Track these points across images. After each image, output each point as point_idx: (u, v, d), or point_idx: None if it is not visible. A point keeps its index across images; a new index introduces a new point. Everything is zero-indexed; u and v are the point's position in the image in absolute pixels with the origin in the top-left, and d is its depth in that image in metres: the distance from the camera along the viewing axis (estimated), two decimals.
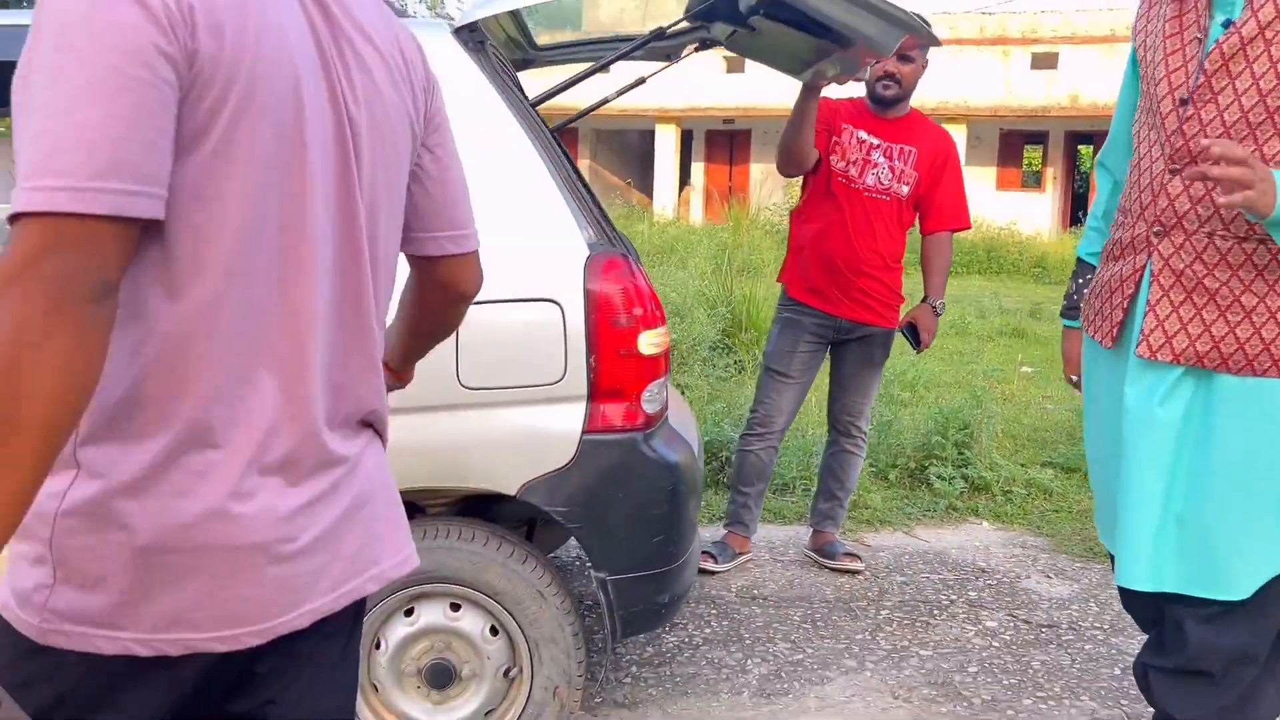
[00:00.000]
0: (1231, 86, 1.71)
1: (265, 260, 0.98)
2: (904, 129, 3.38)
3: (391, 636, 2.17)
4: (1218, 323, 1.75)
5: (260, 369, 0.99)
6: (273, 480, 1.01)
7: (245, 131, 0.94)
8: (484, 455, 2.11)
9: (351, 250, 1.07)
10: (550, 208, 2.13)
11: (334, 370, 1.07)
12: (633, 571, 2.18)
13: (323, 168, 1.02)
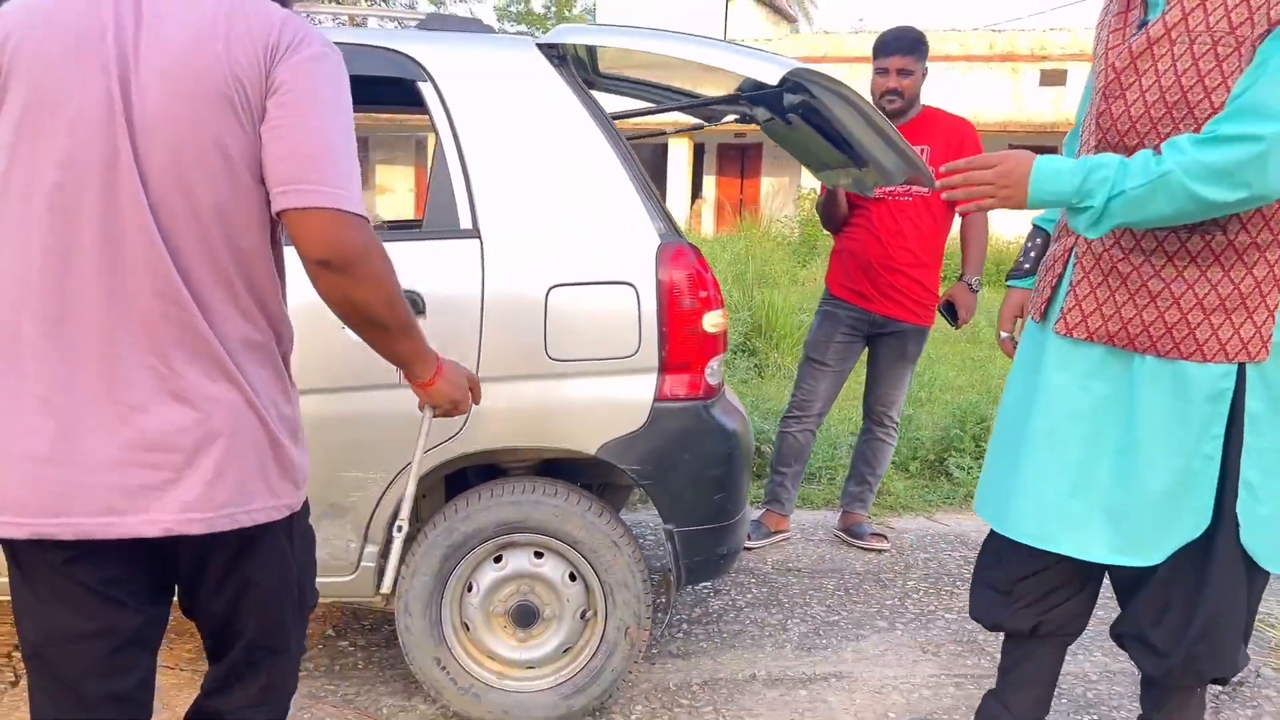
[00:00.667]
0: (1138, 83, 1.84)
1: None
2: (916, 131, 3.60)
3: (482, 580, 2.44)
4: (1127, 305, 1.88)
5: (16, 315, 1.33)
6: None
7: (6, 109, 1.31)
8: (567, 419, 2.38)
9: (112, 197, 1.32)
10: (626, 202, 2.40)
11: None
12: (696, 525, 2.45)
13: (73, 132, 1.30)
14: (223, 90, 1.33)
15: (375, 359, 2.19)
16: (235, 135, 1.35)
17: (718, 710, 2.58)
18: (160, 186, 1.33)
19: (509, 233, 2.36)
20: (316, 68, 1.37)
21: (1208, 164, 1.69)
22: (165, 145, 1.33)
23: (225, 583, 1.50)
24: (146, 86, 1.32)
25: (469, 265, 2.35)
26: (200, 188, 1.35)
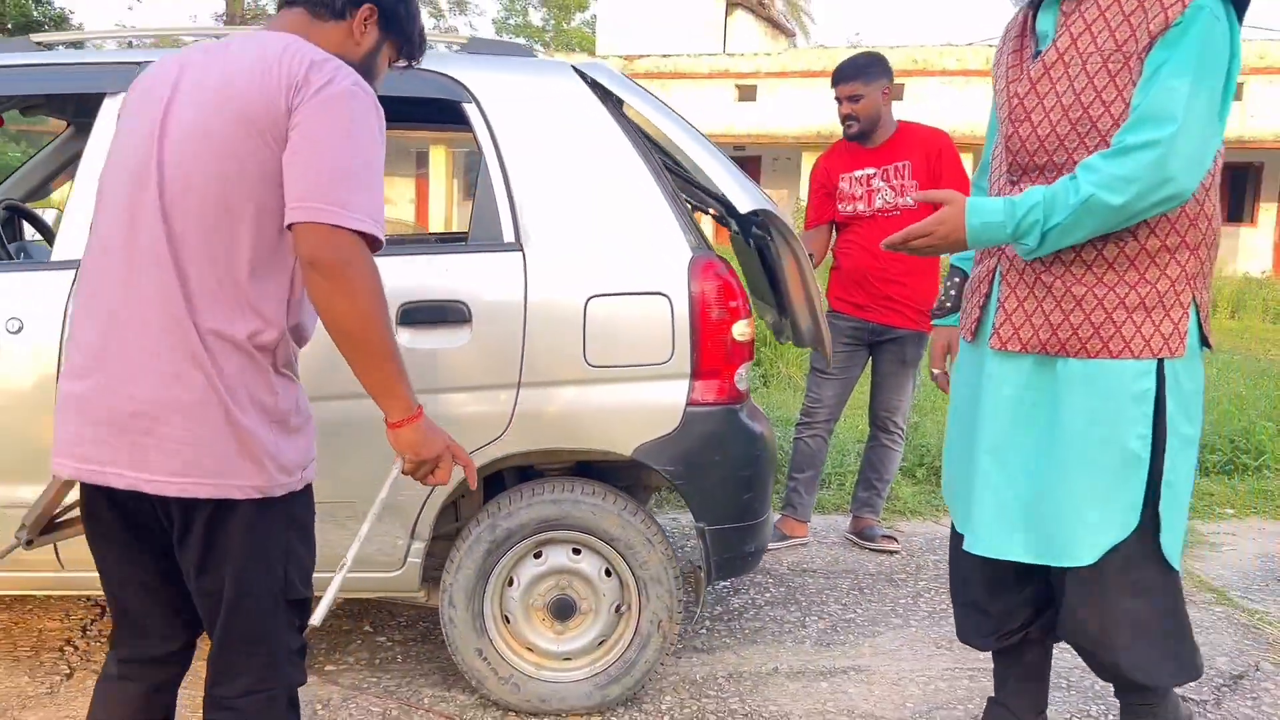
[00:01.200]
0: (1040, 106, 1.97)
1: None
2: (893, 148, 3.79)
3: (523, 575, 2.57)
4: (1054, 312, 1.97)
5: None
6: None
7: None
8: (605, 422, 2.52)
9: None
10: (659, 217, 2.54)
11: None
12: (726, 523, 2.58)
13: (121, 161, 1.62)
14: (246, 112, 1.55)
15: (423, 364, 2.33)
16: (252, 152, 1.55)
17: (743, 700, 2.70)
18: (175, 192, 1.56)
19: (550, 246, 2.50)
20: (338, 103, 1.56)
21: (1120, 175, 1.82)
22: (186, 155, 1.58)
23: (203, 553, 1.63)
24: (182, 107, 1.59)
25: (513, 276, 2.48)
26: (211, 195, 1.56)
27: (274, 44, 1.61)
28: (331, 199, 1.51)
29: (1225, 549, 4.12)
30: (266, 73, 1.56)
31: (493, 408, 2.47)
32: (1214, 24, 1.82)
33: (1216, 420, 5.61)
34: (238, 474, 1.60)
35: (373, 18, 1.79)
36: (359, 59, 1.77)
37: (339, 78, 1.58)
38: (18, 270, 2.55)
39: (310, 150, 1.53)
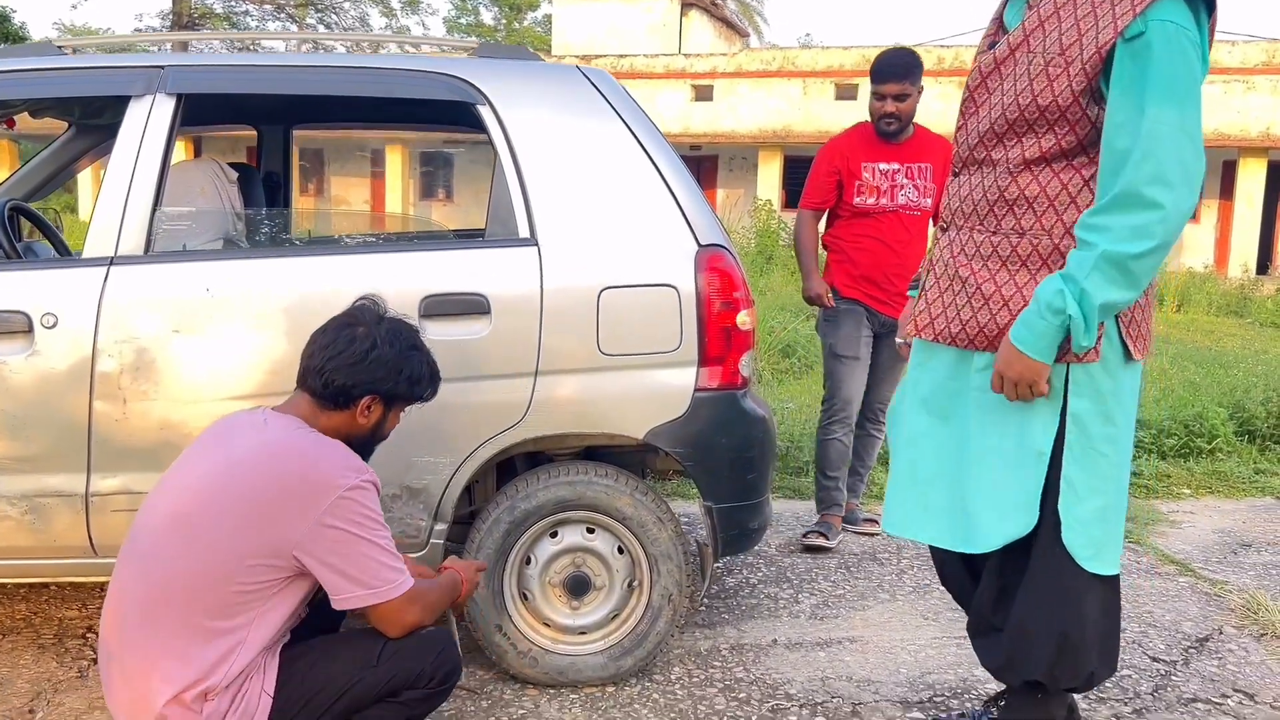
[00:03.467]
0: (987, 101, 2.01)
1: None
2: (916, 149, 3.88)
3: (540, 554, 2.70)
4: (965, 308, 2.02)
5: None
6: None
7: None
8: (618, 407, 2.65)
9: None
10: (667, 213, 2.68)
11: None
12: (732, 501, 2.73)
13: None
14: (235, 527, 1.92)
15: (446, 354, 2.46)
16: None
17: (747, 670, 2.86)
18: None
19: (563, 240, 2.63)
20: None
21: (1133, 226, 1.82)
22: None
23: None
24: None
25: (529, 270, 2.61)
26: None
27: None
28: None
29: (1185, 526, 4.35)
30: (263, 490, 1.91)
31: (512, 394, 2.60)
32: (1180, 35, 1.81)
33: (1172, 406, 5.87)
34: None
35: (375, 401, 2.04)
36: (366, 432, 2.06)
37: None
38: (51, 268, 2.62)
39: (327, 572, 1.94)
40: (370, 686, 1.94)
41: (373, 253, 2.70)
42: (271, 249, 2.75)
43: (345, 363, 1.99)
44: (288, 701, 1.90)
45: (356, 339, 2.01)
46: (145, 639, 1.82)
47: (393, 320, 2.09)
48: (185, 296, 2.53)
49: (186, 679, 1.80)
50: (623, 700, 2.67)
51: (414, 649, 1.99)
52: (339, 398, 2.00)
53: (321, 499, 1.85)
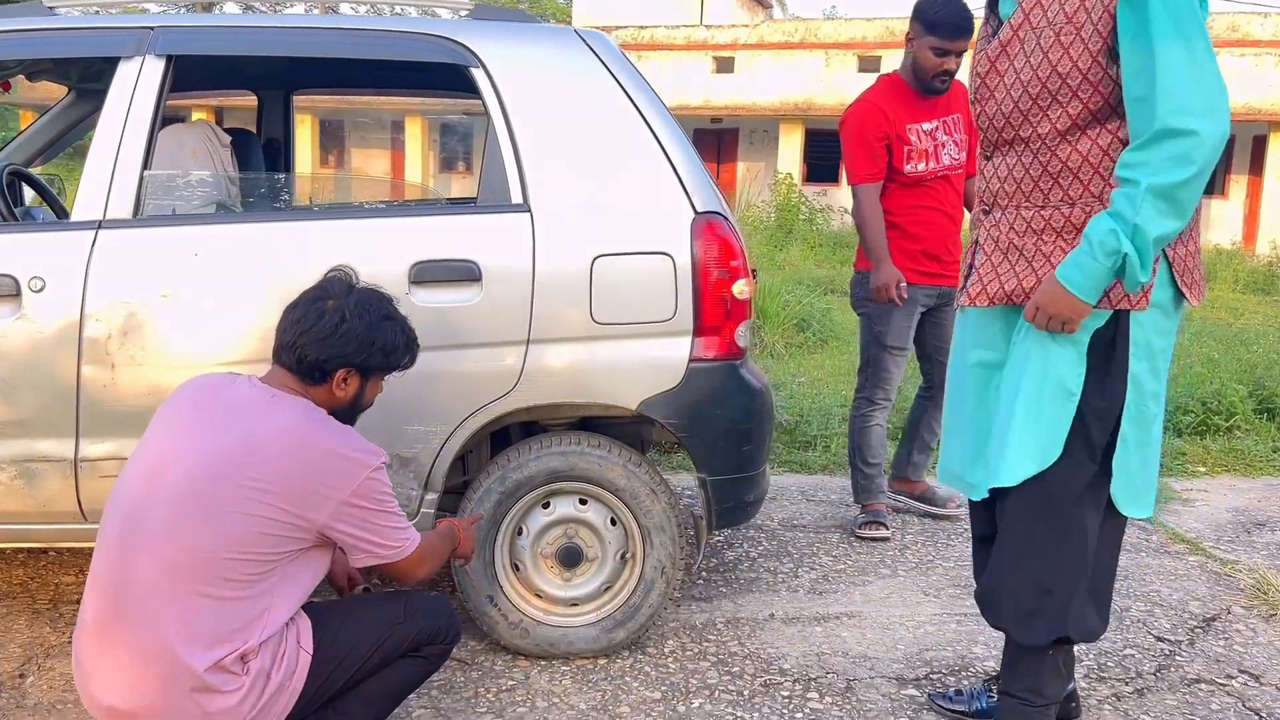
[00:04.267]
0: (1001, 83, 2.06)
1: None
2: (946, 101, 3.60)
3: (532, 525, 2.67)
4: (1024, 270, 2.07)
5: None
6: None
7: None
8: (611, 377, 2.61)
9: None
10: (664, 180, 2.62)
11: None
12: (727, 474, 2.69)
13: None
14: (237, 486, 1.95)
15: (435, 322, 2.44)
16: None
17: (742, 644, 2.83)
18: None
19: (557, 207, 2.59)
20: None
21: (1173, 156, 1.85)
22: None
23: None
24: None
25: (521, 237, 2.57)
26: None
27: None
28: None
29: (1199, 504, 4.28)
30: (265, 454, 1.94)
31: (503, 363, 2.56)
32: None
33: (1190, 383, 5.77)
34: None
35: (351, 374, 2.04)
36: (346, 404, 2.07)
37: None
38: (39, 231, 2.60)
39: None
40: (400, 641, 2.06)
41: (363, 218, 2.66)
42: (260, 213, 2.72)
43: (316, 337, 1.98)
44: (326, 656, 1.96)
45: (326, 313, 1.99)
46: (167, 614, 1.80)
47: (363, 291, 2.07)
48: (173, 260, 2.51)
49: (225, 644, 1.81)
50: (614, 673, 2.65)
51: (433, 608, 2.13)
52: (314, 372, 2.00)
53: (349, 483, 1.92)
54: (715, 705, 2.50)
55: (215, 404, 1.96)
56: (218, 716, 1.81)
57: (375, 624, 2.03)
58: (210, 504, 1.83)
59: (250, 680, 1.83)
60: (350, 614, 2.05)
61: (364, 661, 1.99)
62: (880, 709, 2.49)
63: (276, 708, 1.87)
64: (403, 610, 2.07)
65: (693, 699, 2.53)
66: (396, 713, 2.41)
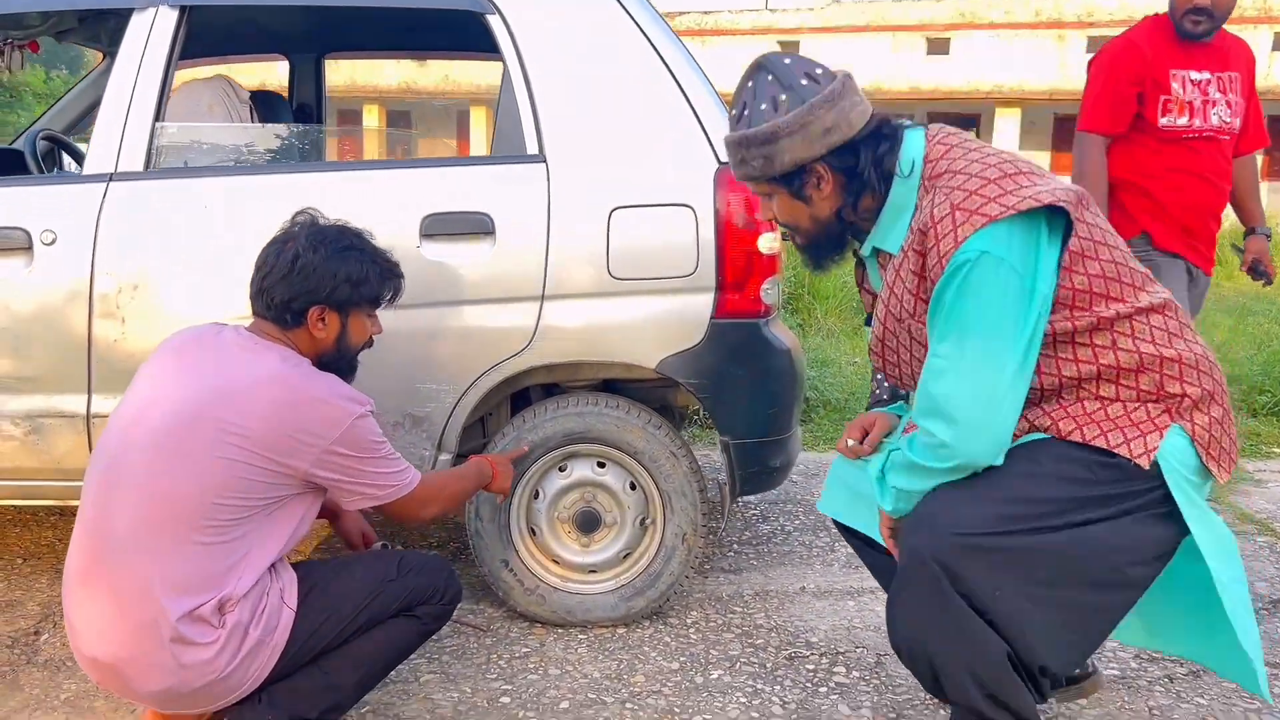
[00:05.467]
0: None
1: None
2: (1223, 54, 3.04)
3: (549, 488, 2.59)
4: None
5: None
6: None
7: None
8: (629, 335, 2.50)
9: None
10: (686, 129, 2.51)
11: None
12: (751, 437, 2.57)
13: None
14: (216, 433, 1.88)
15: (447, 277, 2.35)
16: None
17: (769, 616, 2.71)
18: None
19: (574, 157, 2.49)
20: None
21: (915, 458, 1.75)
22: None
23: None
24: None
25: (536, 188, 2.47)
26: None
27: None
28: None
29: (1271, 485, 4.03)
30: (245, 399, 1.86)
31: (517, 320, 2.47)
32: (996, 266, 1.62)
33: (1265, 362, 5.49)
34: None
35: (326, 312, 1.94)
36: (331, 346, 1.97)
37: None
38: (49, 184, 2.58)
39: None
40: (390, 599, 1.96)
41: (373, 170, 2.59)
42: (269, 166, 2.67)
43: (277, 277, 1.91)
44: (310, 613, 1.88)
45: (284, 252, 1.93)
46: (144, 561, 1.74)
47: (320, 226, 1.99)
48: (185, 213, 2.46)
49: (200, 592, 1.74)
50: (632, 642, 2.55)
51: (429, 565, 2.04)
52: (286, 314, 1.92)
53: (331, 431, 1.83)
54: (735, 677, 2.39)
55: (196, 352, 1.90)
56: (193, 670, 1.74)
57: (364, 581, 1.94)
58: (185, 449, 1.76)
59: (226, 633, 1.75)
60: (340, 571, 1.97)
61: (351, 620, 1.90)
62: (911, 684, 2.36)
63: (256, 664, 1.80)
64: (395, 568, 1.98)
65: (711, 670, 2.42)
66: (404, 677, 2.35)
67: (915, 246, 1.72)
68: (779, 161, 1.74)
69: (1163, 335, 1.74)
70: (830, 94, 1.71)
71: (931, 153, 1.76)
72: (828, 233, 1.85)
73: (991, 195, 1.65)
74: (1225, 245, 13.88)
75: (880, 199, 1.79)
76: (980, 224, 1.62)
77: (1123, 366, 1.73)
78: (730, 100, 1.90)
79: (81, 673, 2.32)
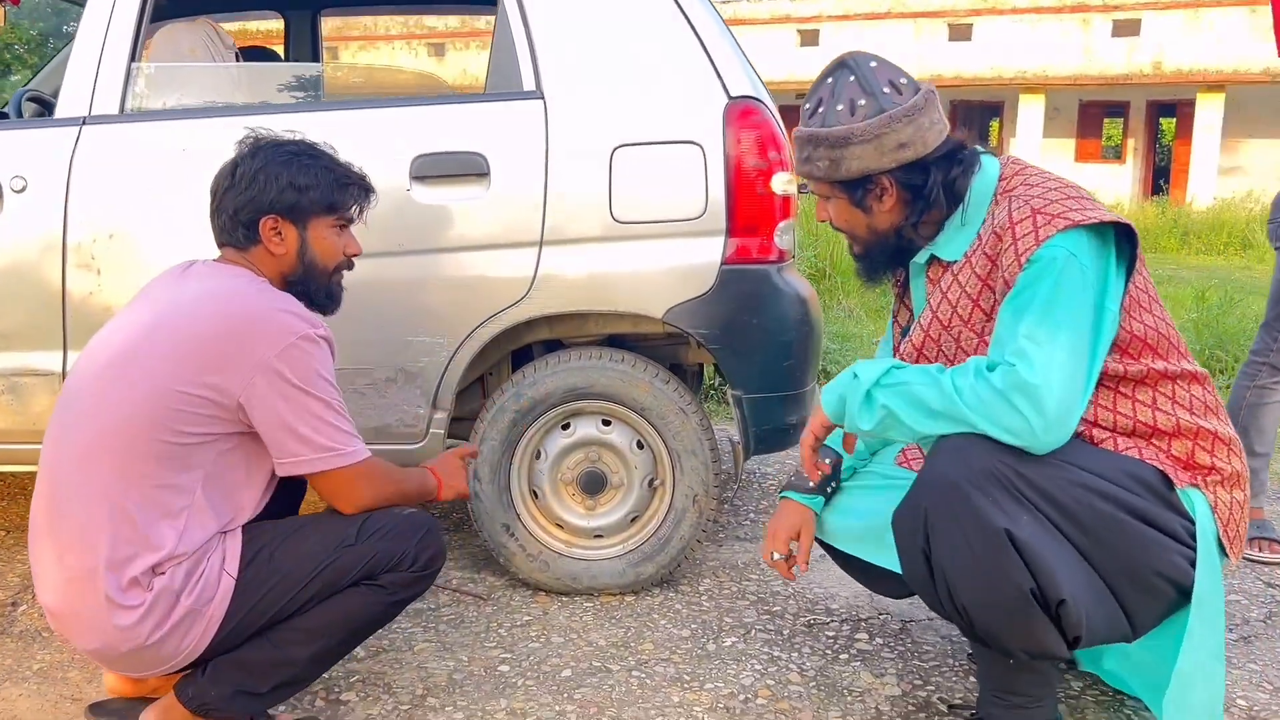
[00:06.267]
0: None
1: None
2: None
3: (551, 448, 2.43)
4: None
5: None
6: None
7: None
8: (633, 283, 2.35)
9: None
10: (692, 61, 2.35)
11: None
12: (765, 392, 2.40)
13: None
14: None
15: (439, 221, 2.20)
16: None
17: (787, 584, 2.55)
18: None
19: (573, 93, 2.33)
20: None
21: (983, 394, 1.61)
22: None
23: None
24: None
25: (533, 126, 2.32)
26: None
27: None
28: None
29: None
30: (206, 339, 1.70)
31: (514, 267, 2.32)
32: (1081, 271, 1.59)
33: None
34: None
35: (279, 223, 1.77)
36: (294, 263, 1.80)
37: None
38: (19, 128, 2.45)
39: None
40: (346, 567, 1.70)
41: (360, 108, 2.44)
42: (251, 107, 2.53)
43: (222, 193, 1.77)
44: (253, 581, 1.67)
45: (224, 169, 1.80)
46: (81, 505, 1.60)
47: (264, 137, 1.83)
48: (161, 157, 2.33)
49: (135, 548, 1.58)
50: (640, 609, 2.40)
51: (396, 528, 1.75)
52: (237, 231, 1.77)
53: (270, 343, 1.63)
54: (749, 644, 2.23)
55: (157, 288, 1.76)
56: (119, 633, 1.59)
57: (318, 547, 1.69)
58: (123, 379, 1.62)
59: (152, 598, 1.58)
60: (291, 534, 1.72)
61: (300, 589, 1.67)
62: (939, 651, 2.19)
63: (190, 635, 1.62)
64: (355, 532, 1.71)
65: (725, 637, 2.26)
66: (398, 645, 2.21)
67: (986, 250, 1.69)
68: (845, 167, 1.70)
69: (1200, 406, 1.70)
70: (912, 108, 1.67)
71: (1005, 172, 1.74)
72: (883, 246, 1.81)
73: (1071, 206, 1.62)
74: (1256, 227, 13.49)
75: (944, 218, 1.75)
76: (1062, 226, 1.59)
77: (1159, 428, 1.67)
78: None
79: (57, 643, 2.20)
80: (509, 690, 2.03)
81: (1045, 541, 1.56)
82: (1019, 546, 1.54)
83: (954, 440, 1.61)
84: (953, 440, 1.61)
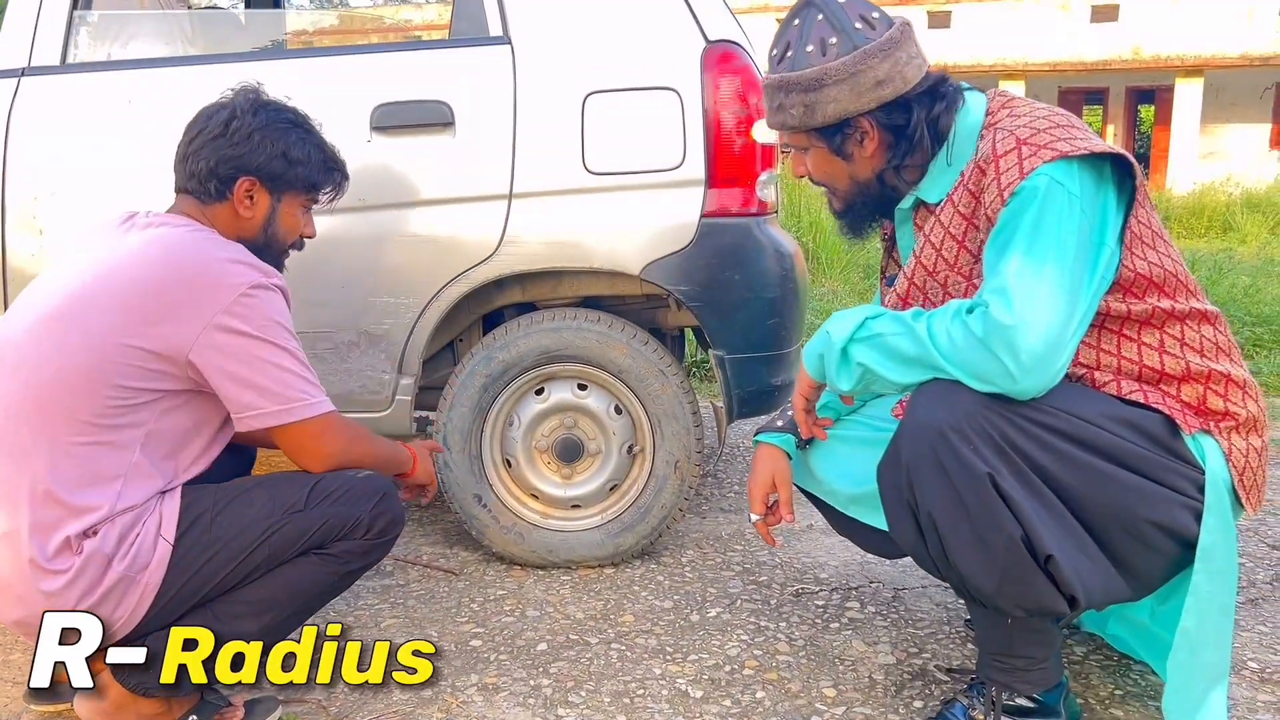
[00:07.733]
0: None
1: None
2: None
3: (524, 414, 2.32)
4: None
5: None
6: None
7: None
8: (608, 238, 2.22)
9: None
10: (667, 1, 2.23)
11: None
12: (748, 352, 2.29)
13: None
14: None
15: (402, 175, 2.07)
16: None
17: (773, 554, 2.44)
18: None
19: (542, 37, 2.21)
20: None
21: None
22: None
23: None
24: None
25: (500, 73, 2.20)
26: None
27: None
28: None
29: None
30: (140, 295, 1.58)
31: (482, 223, 2.20)
32: (1069, 200, 1.46)
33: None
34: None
35: (256, 187, 1.66)
36: (257, 231, 1.69)
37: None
38: None
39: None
40: (295, 534, 1.58)
41: (317, 56, 2.32)
42: (201, 57, 2.40)
43: (206, 139, 1.64)
44: (192, 549, 1.53)
45: (217, 114, 1.66)
46: (7, 464, 1.48)
47: (265, 96, 1.72)
48: (106, 110, 2.20)
49: (60, 507, 1.45)
50: (620, 582, 2.28)
51: (350, 493, 1.62)
52: (211, 183, 1.64)
53: (220, 294, 1.51)
54: (736, 615, 2.12)
55: (93, 239, 1.63)
56: (44, 601, 1.46)
57: (262, 512, 1.57)
58: (56, 333, 1.49)
59: (81, 561, 1.46)
60: (234, 499, 1.59)
61: (243, 557, 1.55)
62: (933, 619, 2.09)
63: (124, 604, 1.50)
64: (305, 496, 1.59)
65: (709, 608, 2.15)
66: (362, 621, 2.09)
67: (969, 185, 1.56)
68: (821, 112, 1.57)
69: (1212, 348, 1.57)
70: (887, 42, 1.54)
71: (992, 106, 1.62)
72: (866, 196, 1.69)
73: (1061, 136, 1.49)
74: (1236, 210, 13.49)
75: (928, 159, 1.62)
76: (1049, 157, 1.46)
77: (1166, 372, 1.54)
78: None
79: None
80: (480, 665, 1.91)
81: (1027, 495, 1.45)
82: (1003, 496, 1.43)
83: (934, 386, 1.49)
84: (933, 386, 1.50)
